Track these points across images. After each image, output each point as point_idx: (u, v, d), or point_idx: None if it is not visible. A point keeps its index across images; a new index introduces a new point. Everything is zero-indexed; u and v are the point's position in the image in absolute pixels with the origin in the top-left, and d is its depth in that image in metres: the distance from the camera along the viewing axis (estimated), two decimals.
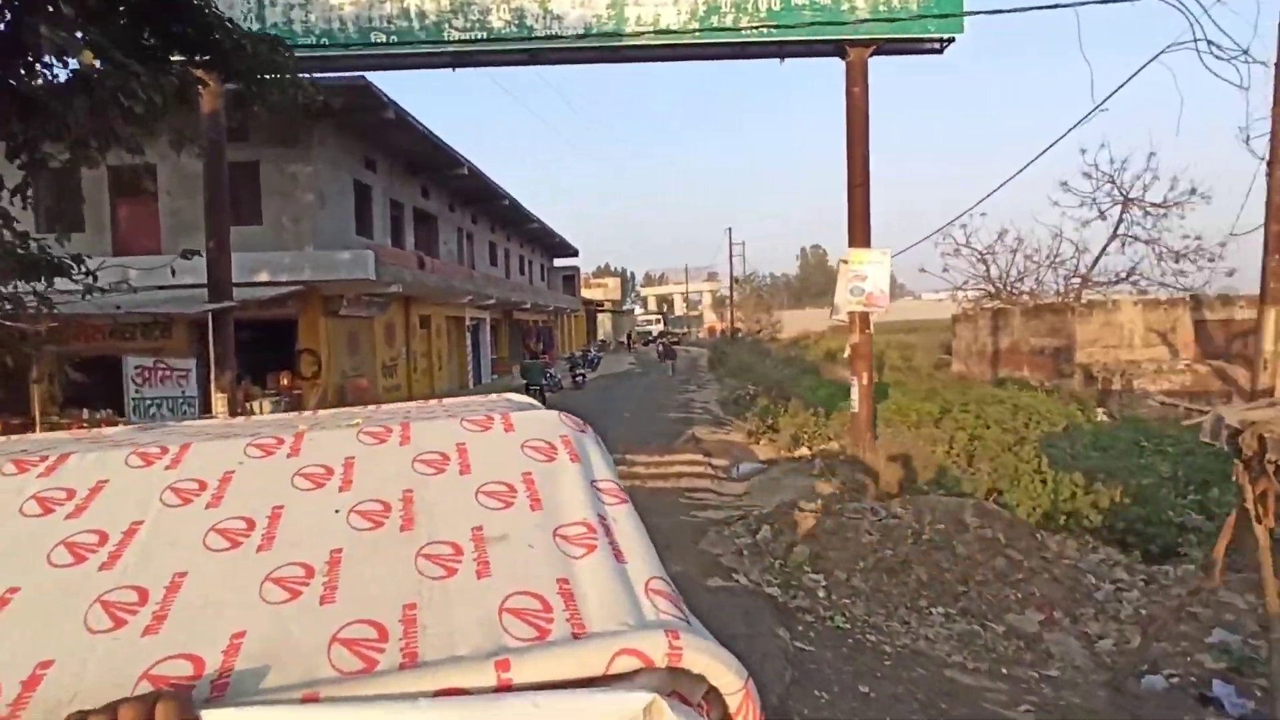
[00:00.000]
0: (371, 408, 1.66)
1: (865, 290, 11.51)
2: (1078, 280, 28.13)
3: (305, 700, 0.71)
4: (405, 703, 0.71)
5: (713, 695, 0.83)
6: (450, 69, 11.08)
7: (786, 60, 11.71)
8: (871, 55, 11.18)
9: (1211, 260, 25.38)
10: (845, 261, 11.72)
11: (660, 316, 69.06)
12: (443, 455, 1.15)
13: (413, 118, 15.50)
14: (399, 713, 0.70)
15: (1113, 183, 26.05)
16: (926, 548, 7.81)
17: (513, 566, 0.92)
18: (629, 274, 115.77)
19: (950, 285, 29.91)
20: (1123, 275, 26.13)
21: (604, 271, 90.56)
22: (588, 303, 47.70)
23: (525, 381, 19.30)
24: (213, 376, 9.91)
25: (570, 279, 42.77)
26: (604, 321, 60.75)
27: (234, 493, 1.05)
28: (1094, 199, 26.71)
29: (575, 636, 0.81)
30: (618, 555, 0.96)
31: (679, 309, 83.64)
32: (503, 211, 26.76)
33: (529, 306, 28.73)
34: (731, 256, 47.63)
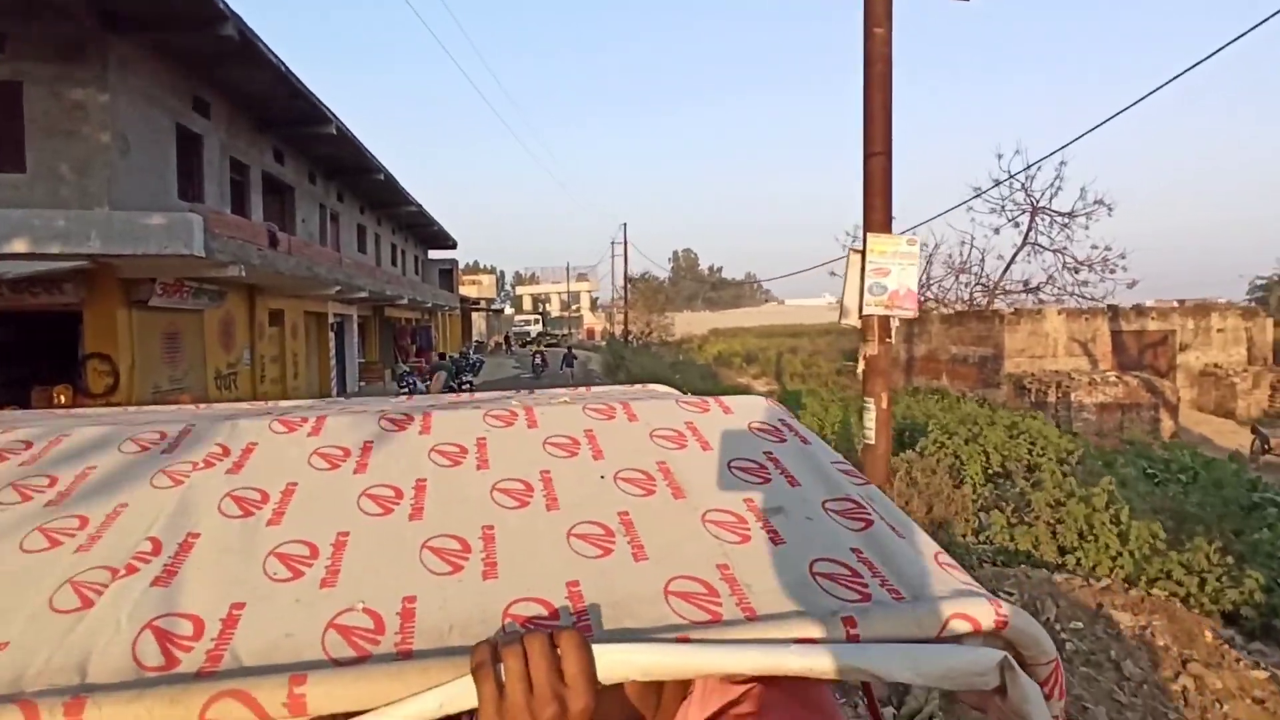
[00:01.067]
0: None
1: (887, 288, 8.82)
2: (981, 288, 27.58)
3: (679, 640, 0.76)
4: (776, 646, 0.75)
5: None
6: None
7: None
8: None
9: (1114, 271, 25.33)
10: (859, 251, 8.98)
11: (539, 317, 65.58)
12: (678, 433, 1.21)
13: (264, 44, 11.54)
14: (772, 655, 0.75)
15: (1024, 190, 25.55)
16: (1079, 663, 5.26)
17: (803, 535, 0.96)
18: (500, 272, 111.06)
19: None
20: (1039, 284, 25.68)
21: (475, 269, 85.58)
22: (464, 300, 43.46)
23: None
24: None
25: (448, 273, 38.48)
26: (478, 322, 56.56)
27: (495, 456, 1.12)
28: (1003, 206, 26.19)
29: (897, 600, 0.85)
30: (894, 529, 0.99)
31: (555, 309, 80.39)
32: (375, 189, 22.57)
33: (405, 302, 24.62)
34: (626, 255, 44.94)
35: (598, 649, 0.73)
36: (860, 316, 8.97)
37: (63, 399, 9.63)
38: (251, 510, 0.99)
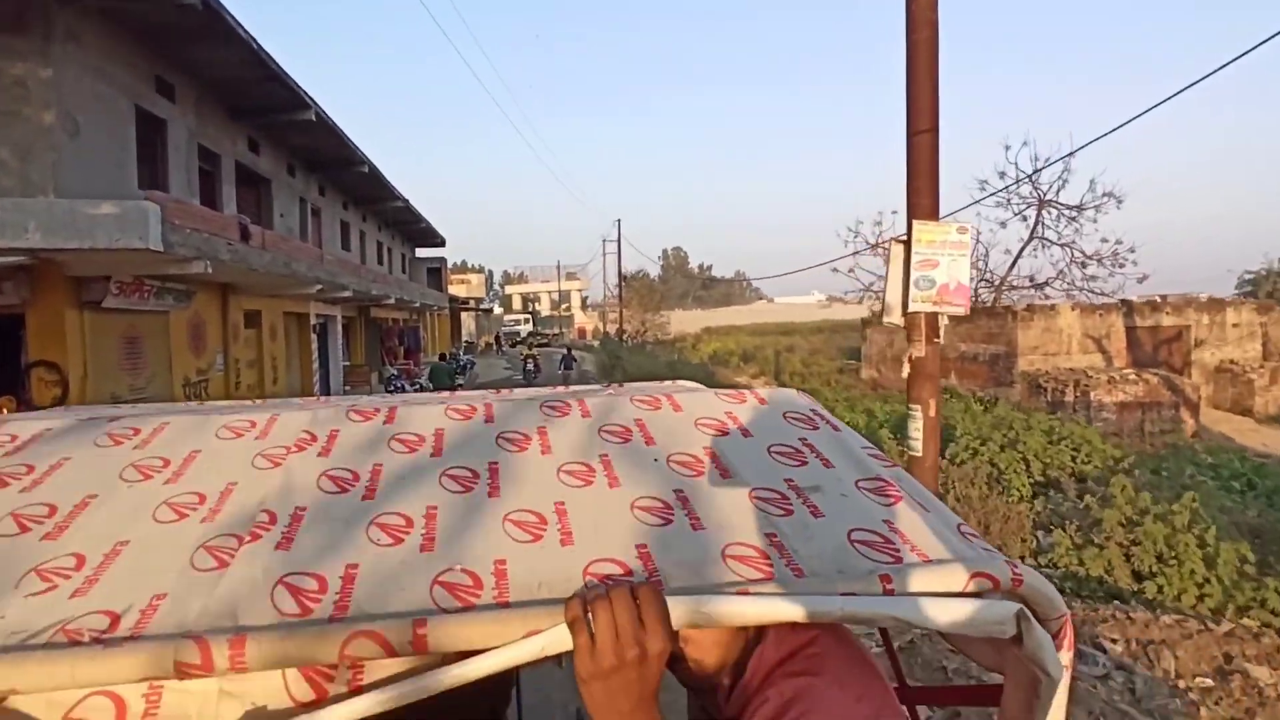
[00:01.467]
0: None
1: (936, 282, 7.84)
2: (985, 284, 26.75)
3: (739, 594, 0.86)
4: (824, 597, 0.86)
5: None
6: None
7: None
8: None
9: (1122, 265, 24.52)
10: (902, 242, 7.99)
11: (529, 316, 64.42)
12: (720, 421, 1.30)
13: (234, 18, 10.45)
14: (821, 604, 0.85)
15: (1031, 182, 24.67)
16: None
17: (840, 510, 1.06)
18: (489, 272, 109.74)
19: (861, 286, 27.52)
20: (1048, 279, 24.84)
21: (463, 268, 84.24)
22: (453, 300, 42.22)
23: (432, 385, 17.40)
24: None
25: (436, 272, 37.28)
26: (467, 322, 55.39)
27: (556, 442, 1.22)
28: (1009, 200, 25.34)
29: (926, 562, 0.94)
30: (921, 505, 1.09)
31: (545, 309, 79.28)
32: (360, 183, 21.44)
33: (392, 302, 23.49)
34: (620, 252, 43.88)
35: (671, 600, 0.83)
36: (904, 314, 7.97)
37: (4, 412, 8.54)
38: (346, 488, 1.09)
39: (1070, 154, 20.65)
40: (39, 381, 8.67)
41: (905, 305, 7.88)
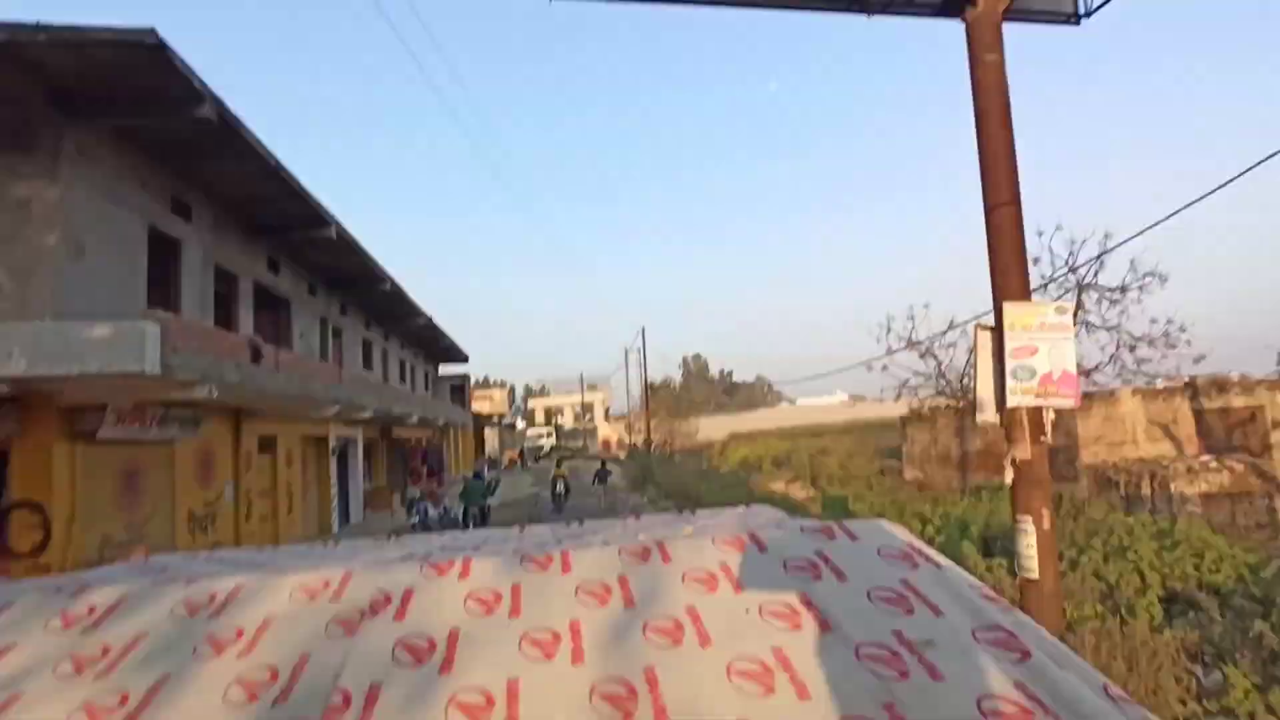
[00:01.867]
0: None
1: (1036, 371, 6.80)
2: None
3: None
4: None
5: None
6: None
7: (874, 17, 7.54)
8: (1005, 17, 7.17)
9: (1174, 346, 23.25)
10: (989, 328, 7.03)
11: (553, 430, 63.61)
12: (811, 563, 1.22)
13: (250, 133, 10.14)
14: None
15: (1068, 266, 23.85)
16: None
17: (961, 670, 0.93)
18: (511, 387, 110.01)
19: (896, 383, 26.31)
20: (1098, 364, 23.61)
21: (486, 384, 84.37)
22: (477, 417, 41.51)
23: (463, 505, 16.51)
24: None
25: (460, 389, 36.73)
26: (490, 438, 54.64)
27: (639, 593, 1.20)
28: (1045, 286, 24.47)
29: None
30: (1055, 660, 0.97)
31: (568, 420, 78.54)
32: (382, 301, 21.11)
33: (415, 421, 22.67)
34: (645, 360, 43.21)
35: None
36: (999, 410, 6.85)
37: None
38: (422, 658, 1.04)
39: (1105, 251, 19.94)
40: (19, 525, 7.71)
41: (1001, 400, 6.77)
